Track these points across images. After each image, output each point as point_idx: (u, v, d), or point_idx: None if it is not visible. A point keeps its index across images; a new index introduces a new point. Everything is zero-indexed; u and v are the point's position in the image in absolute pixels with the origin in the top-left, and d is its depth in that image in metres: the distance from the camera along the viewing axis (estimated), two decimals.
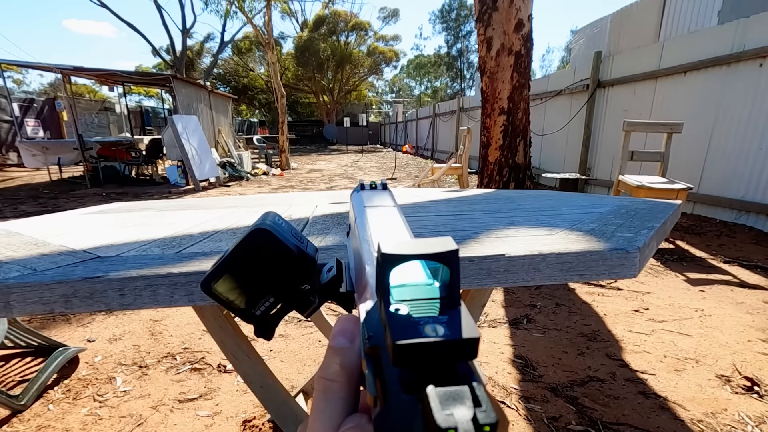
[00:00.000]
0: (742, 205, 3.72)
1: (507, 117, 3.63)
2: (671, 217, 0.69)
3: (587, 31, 7.43)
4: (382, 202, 0.27)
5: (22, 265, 0.39)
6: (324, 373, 0.19)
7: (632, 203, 0.81)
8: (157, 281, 0.35)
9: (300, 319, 2.18)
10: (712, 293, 2.52)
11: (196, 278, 0.36)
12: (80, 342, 1.96)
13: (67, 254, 0.44)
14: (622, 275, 0.42)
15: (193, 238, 0.53)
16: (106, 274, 0.35)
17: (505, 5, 3.38)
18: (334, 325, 0.21)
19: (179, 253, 0.43)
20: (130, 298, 0.35)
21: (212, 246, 0.47)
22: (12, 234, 0.63)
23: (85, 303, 0.34)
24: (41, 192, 6.77)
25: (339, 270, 0.27)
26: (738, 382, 1.63)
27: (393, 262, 0.15)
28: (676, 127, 3.60)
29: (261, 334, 0.29)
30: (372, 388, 0.15)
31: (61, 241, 0.54)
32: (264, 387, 0.73)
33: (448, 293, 0.16)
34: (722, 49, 3.84)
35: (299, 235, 0.27)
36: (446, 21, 35.91)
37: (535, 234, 0.52)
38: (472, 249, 0.43)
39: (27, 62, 7.15)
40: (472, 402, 0.12)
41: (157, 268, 0.37)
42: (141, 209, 0.97)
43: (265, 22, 10.18)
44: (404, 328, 0.14)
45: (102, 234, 0.60)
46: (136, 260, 0.40)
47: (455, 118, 11.62)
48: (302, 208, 0.83)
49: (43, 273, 0.36)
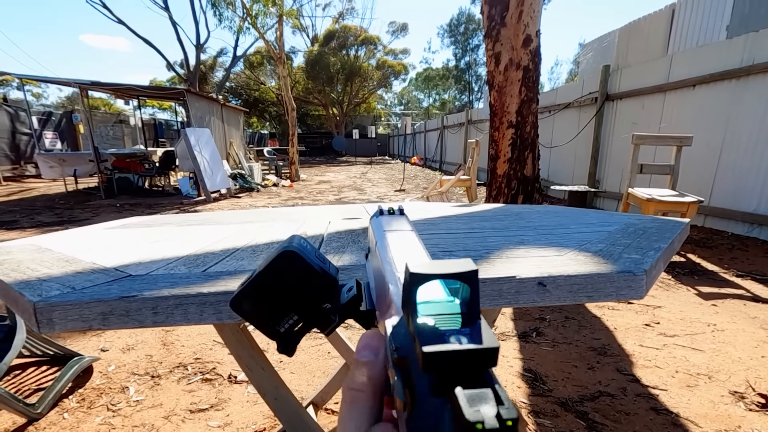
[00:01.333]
0: (754, 218, 3.67)
1: (515, 130, 3.65)
2: (679, 236, 0.70)
3: (595, 44, 7.46)
4: (400, 226, 0.29)
5: (60, 284, 0.42)
6: (351, 384, 0.21)
7: (641, 221, 0.82)
8: (187, 300, 0.38)
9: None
10: (724, 307, 2.49)
11: (224, 298, 0.39)
12: (94, 351, 2.00)
13: (100, 272, 0.47)
14: (629, 297, 0.44)
15: (215, 255, 0.56)
16: (141, 294, 0.38)
17: (513, 21, 3.43)
18: (360, 340, 0.22)
19: (205, 272, 0.46)
20: (163, 316, 0.38)
21: (235, 265, 0.50)
22: (42, 250, 0.67)
23: (121, 320, 0.37)
24: (57, 203, 6.92)
25: (359, 290, 0.29)
26: (752, 399, 1.60)
27: (420, 281, 0.17)
28: (686, 140, 3.59)
29: (283, 350, 0.31)
30: (401, 394, 0.17)
31: (90, 258, 0.57)
32: (278, 398, 0.75)
33: (469, 309, 0.18)
34: (732, 62, 3.84)
35: (322, 256, 0.29)
36: (454, 35, 36.26)
37: (544, 255, 0.54)
38: (484, 270, 0.45)
39: (47, 77, 7.37)
40: (495, 401, 0.13)
41: (187, 287, 0.40)
42: (160, 224, 1.00)
43: (276, 38, 10.40)
44: (432, 338, 0.15)
45: (128, 251, 0.63)
46: (165, 279, 0.43)
47: (464, 130, 11.67)
48: (316, 224, 0.86)
49: (81, 292, 0.39)
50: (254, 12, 9.65)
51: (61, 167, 7.78)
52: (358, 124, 31.48)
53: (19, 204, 6.85)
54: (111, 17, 16.84)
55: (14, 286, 0.42)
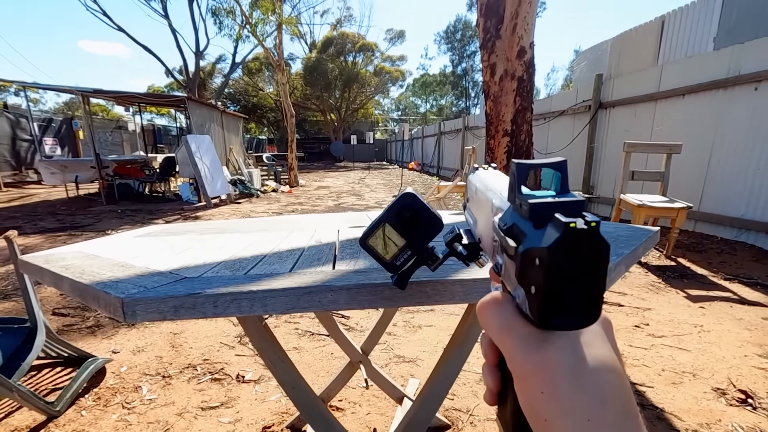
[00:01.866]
0: (743, 223, 3.80)
1: (510, 138, 3.76)
2: (645, 243, 0.80)
3: (588, 54, 7.63)
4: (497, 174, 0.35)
5: (133, 284, 0.52)
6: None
7: (616, 230, 0.93)
8: (241, 296, 0.47)
9: (313, 333, 2.28)
10: (711, 309, 2.60)
11: (269, 294, 0.48)
12: (106, 353, 2.07)
13: (159, 275, 0.57)
14: None
15: (249, 261, 0.65)
16: (203, 291, 0.47)
17: (508, 33, 3.55)
18: None
19: (247, 275, 0.56)
20: (221, 308, 0.47)
21: (269, 269, 0.59)
22: (92, 256, 0.76)
23: (189, 312, 0.47)
24: (59, 209, 6.98)
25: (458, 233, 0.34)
26: (733, 395, 1.70)
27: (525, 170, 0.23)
28: (675, 147, 3.72)
29: (398, 282, 0.38)
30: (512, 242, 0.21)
31: (142, 263, 0.67)
32: (296, 388, 0.85)
33: (562, 187, 0.23)
34: (719, 73, 3.98)
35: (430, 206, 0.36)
36: (451, 41, 36.61)
37: None
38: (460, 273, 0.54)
39: (50, 85, 7.46)
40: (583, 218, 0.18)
41: (238, 286, 0.49)
42: (183, 232, 1.10)
43: (275, 45, 10.54)
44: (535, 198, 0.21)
45: (170, 257, 0.72)
46: (217, 280, 0.53)
47: (460, 136, 11.81)
48: (327, 233, 0.96)
49: (155, 290, 0.48)
50: (254, 20, 9.79)
51: (62, 173, 7.85)
52: (356, 130, 31.66)
53: (20, 210, 6.91)
54: (111, 25, 16.98)
55: (95, 286, 0.51)
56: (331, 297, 0.50)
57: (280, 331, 2.31)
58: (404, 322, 2.44)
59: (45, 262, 0.70)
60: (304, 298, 0.49)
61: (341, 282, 0.51)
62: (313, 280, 0.52)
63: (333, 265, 0.62)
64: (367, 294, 0.50)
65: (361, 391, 1.74)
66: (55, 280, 0.62)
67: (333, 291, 0.50)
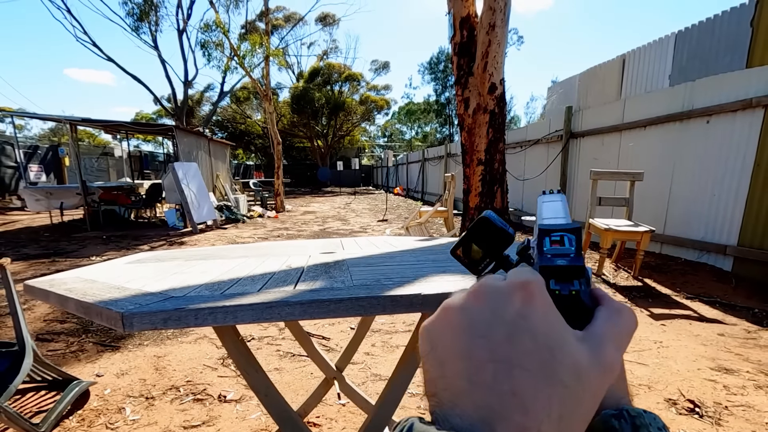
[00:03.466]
0: (703, 246, 4.03)
1: (485, 167, 3.99)
2: None
3: (559, 87, 8.10)
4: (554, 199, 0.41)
5: (130, 302, 0.65)
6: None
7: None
8: (217, 310, 0.61)
9: (294, 354, 2.37)
10: (672, 326, 2.76)
11: (239, 308, 0.62)
12: (90, 377, 2.13)
13: (151, 295, 0.70)
14: None
15: (226, 283, 0.79)
16: (187, 306, 0.61)
17: (480, 71, 3.83)
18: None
19: (223, 293, 0.69)
20: (201, 319, 0.61)
21: (241, 289, 0.73)
22: (89, 281, 0.89)
23: (175, 323, 0.59)
24: (42, 235, 6.94)
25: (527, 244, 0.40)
26: (682, 405, 1.84)
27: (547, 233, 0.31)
28: (638, 175, 3.98)
29: None
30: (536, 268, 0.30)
31: (136, 286, 0.80)
32: (268, 395, 0.97)
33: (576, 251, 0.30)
34: (674, 107, 4.31)
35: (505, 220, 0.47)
36: (434, 72, 37.85)
37: (453, 279, 0.79)
38: (404, 289, 0.69)
39: (38, 114, 7.56)
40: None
41: (215, 302, 0.63)
42: (170, 258, 1.23)
43: (263, 75, 10.85)
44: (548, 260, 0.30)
45: (160, 281, 0.85)
46: (198, 298, 0.66)
47: (443, 162, 12.16)
48: (299, 259, 1.10)
49: (148, 306, 0.61)
50: (242, 52, 10.12)
51: (47, 200, 7.84)
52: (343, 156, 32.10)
53: (3, 236, 6.85)
54: (101, 55, 17.24)
55: (99, 304, 0.64)
56: (288, 310, 0.64)
57: (262, 353, 2.39)
58: (382, 342, 2.55)
59: (50, 286, 0.83)
60: (266, 311, 0.63)
61: (297, 298, 0.65)
62: (275, 297, 0.66)
63: (295, 286, 0.76)
64: (317, 307, 0.64)
65: (338, 408, 1.83)
66: (61, 301, 0.74)
67: (290, 305, 0.64)
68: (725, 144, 3.83)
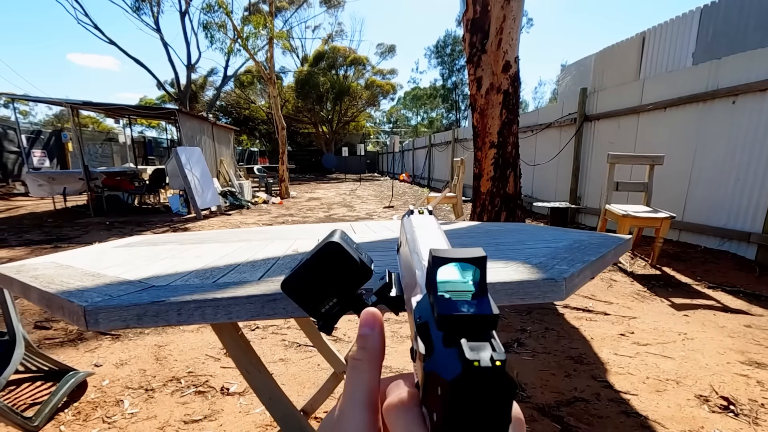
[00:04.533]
0: (724, 233, 3.87)
1: (497, 150, 3.82)
2: (615, 250, 0.82)
3: (573, 69, 7.82)
4: (428, 224, 0.33)
5: (98, 293, 0.52)
6: (353, 354, 0.24)
7: (590, 237, 0.95)
8: (205, 304, 0.48)
9: (300, 344, 2.27)
10: (695, 317, 2.63)
11: (234, 301, 0.49)
12: (88, 367, 2.04)
13: (128, 284, 0.57)
14: (552, 299, 0.55)
15: (221, 270, 0.66)
16: (167, 299, 0.48)
17: (493, 48, 3.63)
18: (360, 317, 0.26)
19: (215, 283, 0.56)
20: (185, 316, 0.48)
21: (239, 277, 0.60)
22: (64, 266, 0.76)
23: (152, 320, 0.47)
24: (45, 221, 6.89)
25: (390, 279, 0.33)
26: (715, 402, 1.72)
27: (440, 263, 0.21)
28: (658, 159, 3.80)
29: (323, 328, 0.35)
30: (422, 349, 0.20)
31: (114, 273, 0.67)
32: (272, 398, 0.85)
33: (478, 287, 0.22)
34: (698, 87, 4.09)
35: (360, 249, 0.33)
36: (441, 56, 37.19)
37: (494, 266, 0.65)
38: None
39: (39, 97, 7.43)
40: (491, 350, 0.17)
41: (204, 294, 0.50)
42: (163, 242, 1.10)
43: (267, 59, 10.62)
44: (446, 306, 0.20)
45: (143, 266, 0.73)
46: (184, 288, 0.53)
47: (450, 148, 11.94)
48: (306, 243, 0.97)
49: (119, 298, 0.49)
50: (245, 34, 9.87)
51: (50, 185, 7.76)
52: (348, 142, 31.82)
53: (6, 222, 6.80)
54: (102, 38, 17.00)
55: (60, 295, 0.51)
56: (296, 304, 0.51)
57: (267, 343, 2.29)
58: (392, 332, 2.44)
59: (16, 272, 0.70)
60: (268, 305, 0.50)
61: None
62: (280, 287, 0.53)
63: None
64: None
65: None
66: (23, 290, 0.62)
67: None
68: (752, 125, 3.63)
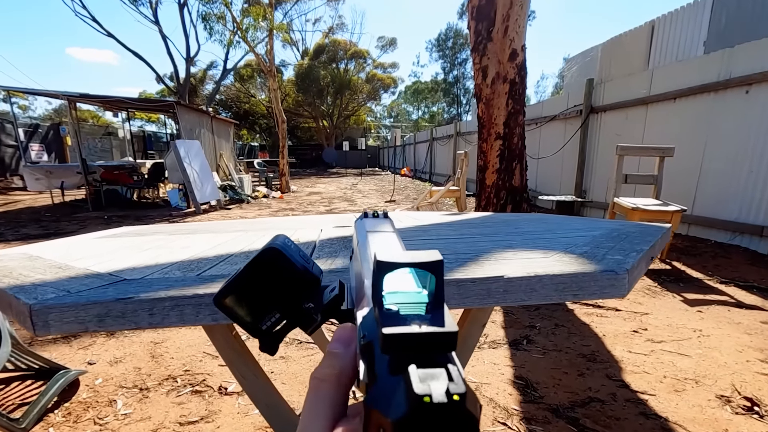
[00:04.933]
0: (736, 227, 3.77)
1: (503, 141, 3.72)
2: (660, 240, 0.73)
3: (579, 59, 7.67)
4: (383, 228, 0.29)
5: (55, 287, 0.43)
6: (317, 373, 0.21)
7: (624, 226, 0.85)
8: (183, 302, 0.39)
9: (301, 341, 2.18)
10: (709, 314, 2.54)
11: None
12: (81, 364, 1.96)
13: (95, 277, 0.48)
14: (611, 295, 0.46)
15: (209, 261, 0.57)
16: (137, 295, 0.39)
17: (500, 36, 3.52)
18: (335, 331, 0.23)
19: (200, 276, 0.47)
20: (159, 317, 0.39)
21: (229, 269, 0.51)
22: (33, 258, 0.67)
23: (118, 322, 0.38)
24: (43, 215, 6.80)
25: (341, 290, 0.29)
26: (738, 403, 1.63)
27: (386, 269, 0.18)
28: (668, 151, 3.69)
29: (265, 348, 0.31)
30: (365, 377, 0.17)
31: (84, 265, 0.58)
32: (270, 406, 0.75)
33: (434, 298, 0.18)
34: (709, 76, 3.97)
35: (306, 256, 0.29)
36: (442, 49, 36.89)
37: (531, 257, 0.56)
38: (473, 271, 0.46)
39: (35, 90, 7.31)
40: (447, 379, 0.14)
41: (183, 289, 0.40)
42: (151, 233, 1.01)
43: (266, 51, 10.48)
44: (393, 321, 0.16)
45: (121, 258, 0.63)
46: (161, 282, 0.44)
47: (452, 142, 11.81)
48: (308, 232, 0.87)
49: (77, 294, 0.40)
50: (244, 26, 9.73)
51: (47, 179, 7.67)
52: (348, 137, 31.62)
53: (3, 217, 6.72)
54: (100, 30, 16.83)
55: (8, 290, 0.42)
56: None
57: None
58: None
59: None
60: None
61: None
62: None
63: None
64: None
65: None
66: None
67: None
68: (767, 115, 3.52)
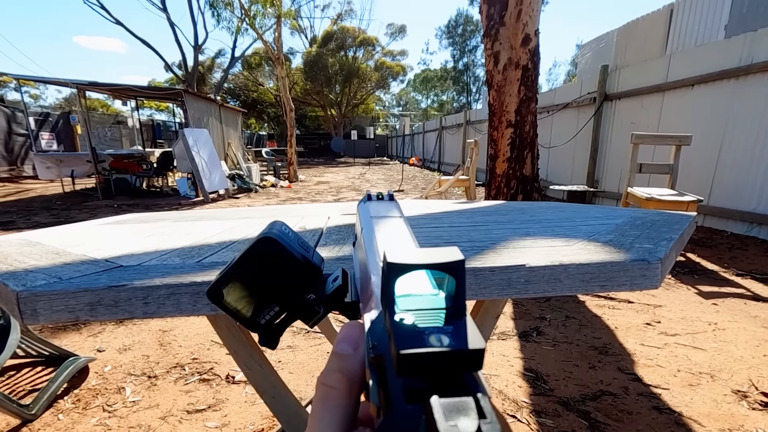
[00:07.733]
0: (754, 218, 3.67)
1: (514, 130, 3.64)
2: (687, 229, 0.68)
3: (593, 45, 7.48)
4: (389, 212, 0.27)
5: (46, 274, 0.40)
6: (324, 379, 0.19)
7: (647, 215, 0.81)
8: (180, 290, 0.36)
9: (308, 330, 2.17)
10: (725, 306, 2.48)
11: None
12: (90, 352, 1.97)
13: (90, 263, 0.45)
14: (643, 287, 0.42)
15: (211, 248, 0.54)
16: (130, 283, 0.36)
17: (512, 20, 3.42)
18: (339, 331, 0.20)
19: (200, 263, 0.44)
20: (154, 306, 0.36)
21: (231, 255, 0.48)
22: (32, 244, 0.65)
23: (110, 311, 0.35)
24: (54, 203, 6.88)
25: (344, 280, 0.27)
26: (755, 398, 1.59)
27: (398, 272, 0.15)
28: (685, 139, 3.58)
29: (265, 342, 0.28)
30: (375, 398, 0.15)
31: (81, 251, 0.55)
32: (276, 397, 0.73)
33: (454, 304, 0.16)
34: (730, 62, 3.84)
35: (306, 244, 0.27)
36: (452, 36, 36.33)
37: (552, 245, 0.52)
38: (491, 259, 0.43)
39: (44, 78, 7.34)
40: (476, 413, 0.11)
41: (180, 276, 0.38)
42: (156, 220, 0.99)
43: (275, 38, 10.39)
44: (409, 338, 0.13)
45: (121, 244, 0.61)
46: (158, 269, 0.41)
47: (462, 131, 11.67)
48: (316, 220, 0.84)
49: (69, 281, 0.37)
50: (252, 13, 9.64)
51: (58, 168, 7.74)
52: (357, 125, 31.47)
53: (16, 205, 6.81)
54: (109, 18, 16.81)
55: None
56: None
57: None
58: None
59: None
60: None
61: None
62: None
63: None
64: None
65: None
66: None
67: None
68: None
